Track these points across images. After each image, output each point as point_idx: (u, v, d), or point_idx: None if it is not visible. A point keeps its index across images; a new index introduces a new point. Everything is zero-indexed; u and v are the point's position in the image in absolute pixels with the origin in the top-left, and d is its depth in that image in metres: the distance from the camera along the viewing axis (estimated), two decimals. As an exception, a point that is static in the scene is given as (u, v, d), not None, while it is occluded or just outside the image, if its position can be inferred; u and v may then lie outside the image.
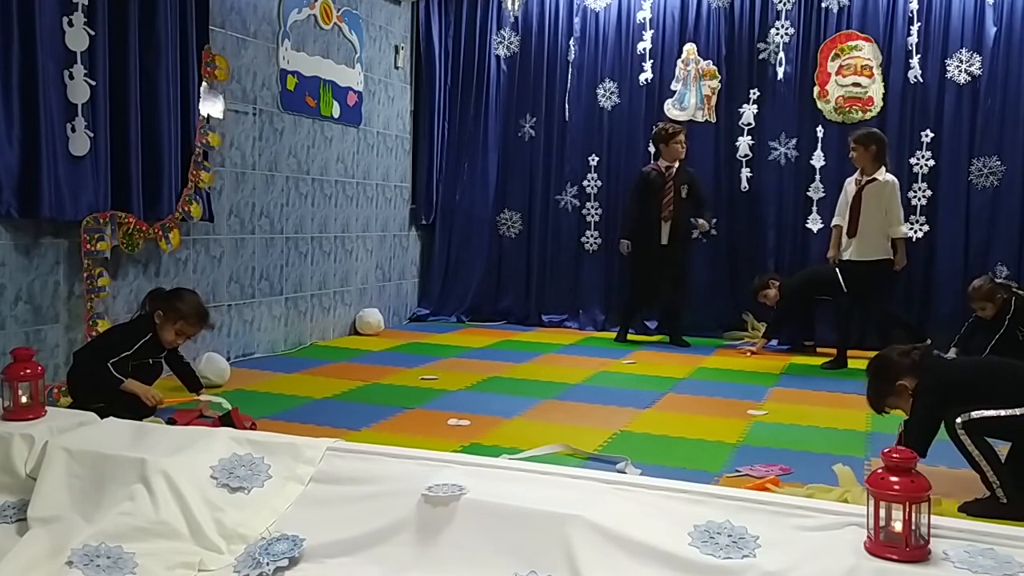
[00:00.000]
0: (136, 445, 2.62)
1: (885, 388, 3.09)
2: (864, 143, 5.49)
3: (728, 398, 4.64)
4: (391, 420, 4.01)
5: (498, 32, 7.30)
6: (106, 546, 2.25)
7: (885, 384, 3.09)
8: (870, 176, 5.49)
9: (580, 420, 4.08)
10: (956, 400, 2.93)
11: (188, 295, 3.85)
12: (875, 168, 5.48)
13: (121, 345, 3.67)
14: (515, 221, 7.31)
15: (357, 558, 2.30)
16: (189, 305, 3.77)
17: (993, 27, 6.20)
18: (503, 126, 7.31)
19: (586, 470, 2.65)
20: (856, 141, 5.54)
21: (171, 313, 3.72)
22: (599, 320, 7.04)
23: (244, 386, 4.60)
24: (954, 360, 3.86)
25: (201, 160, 4.78)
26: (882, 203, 5.46)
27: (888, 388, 3.08)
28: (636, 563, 2.10)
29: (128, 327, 3.84)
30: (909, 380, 3.03)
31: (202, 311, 3.83)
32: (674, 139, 6.18)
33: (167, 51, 4.47)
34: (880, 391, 3.12)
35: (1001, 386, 2.93)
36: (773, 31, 6.64)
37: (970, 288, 5.23)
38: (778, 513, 2.19)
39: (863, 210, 5.47)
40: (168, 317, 3.73)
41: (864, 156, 5.49)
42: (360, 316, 6.55)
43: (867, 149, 5.47)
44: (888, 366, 3.10)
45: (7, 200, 3.74)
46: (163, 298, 3.78)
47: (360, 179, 6.55)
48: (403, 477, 2.45)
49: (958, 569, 1.92)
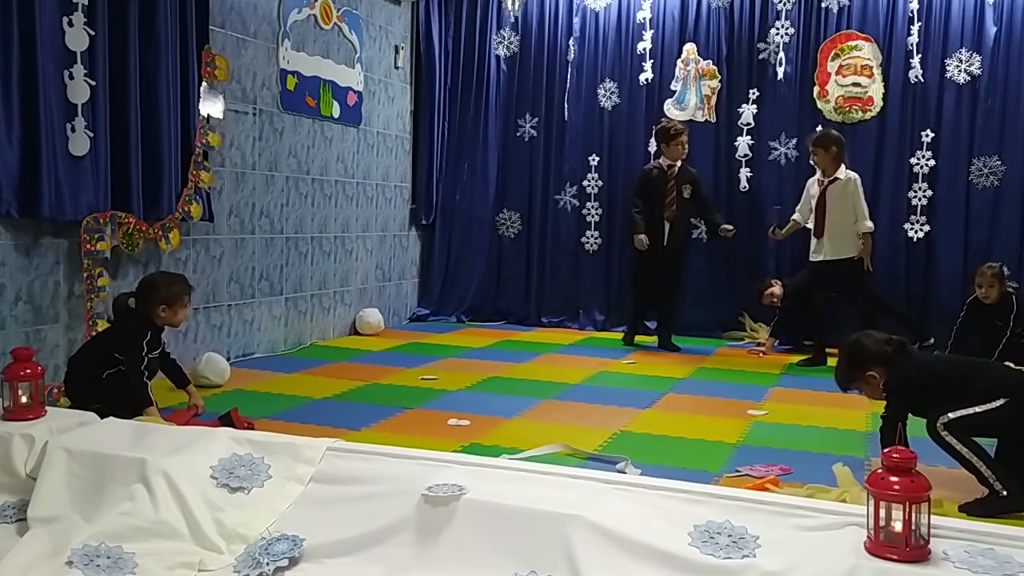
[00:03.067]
0: (136, 445, 2.62)
1: (855, 373, 3.16)
2: (824, 145, 5.63)
3: (728, 398, 4.64)
4: (391, 420, 4.01)
5: (498, 32, 7.30)
6: (106, 546, 2.25)
7: (855, 370, 3.15)
8: (831, 176, 5.63)
9: (580, 420, 4.07)
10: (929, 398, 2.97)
11: (162, 278, 3.87)
12: (836, 168, 5.63)
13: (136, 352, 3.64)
14: (515, 221, 7.31)
15: (357, 558, 2.30)
16: (175, 284, 3.80)
17: (993, 27, 6.20)
18: (503, 126, 7.31)
19: (586, 470, 2.65)
20: (815, 144, 5.71)
21: (172, 299, 3.73)
22: (599, 320, 7.04)
23: (244, 386, 4.60)
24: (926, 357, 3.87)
25: (201, 160, 4.79)
26: (847, 201, 5.60)
27: (858, 374, 3.14)
28: (636, 563, 2.10)
29: (125, 334, 3.70)
30: (879, 371, 3.08)
31: (182, 279, 3.91)
32: (676, 139, 6.08)
33: (167, 51, 4.47)
34: (849, 375, 3.19)
35: (972, 383, 2.97)
36: (773, 31, 6.64)
37: (982, 267, 5.29)
38: (778, 513, 2.19)
39: (828, 210, 5.64)
40: (174, 303, 3.73)
41: (825, 158, 5.64)
42: (360, 316, 6.55)
43: (827, 151, 5.61)
44: (861, 353, 3.14)
45: (7, 200, 3.74)
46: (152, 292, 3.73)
47: (360, 179, 6.55)
48: (403, 477, 2.45)
49: (958, 569, 1.92)
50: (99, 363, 3.66)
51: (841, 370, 3.24)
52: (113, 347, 3.69)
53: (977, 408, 2.88)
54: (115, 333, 3.76)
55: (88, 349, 3.81)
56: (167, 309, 3.73)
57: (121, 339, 3.69)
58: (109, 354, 3.67)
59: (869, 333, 3.22)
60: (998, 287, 5.15)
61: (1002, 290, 5.17)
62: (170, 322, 3.78)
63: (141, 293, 3.77)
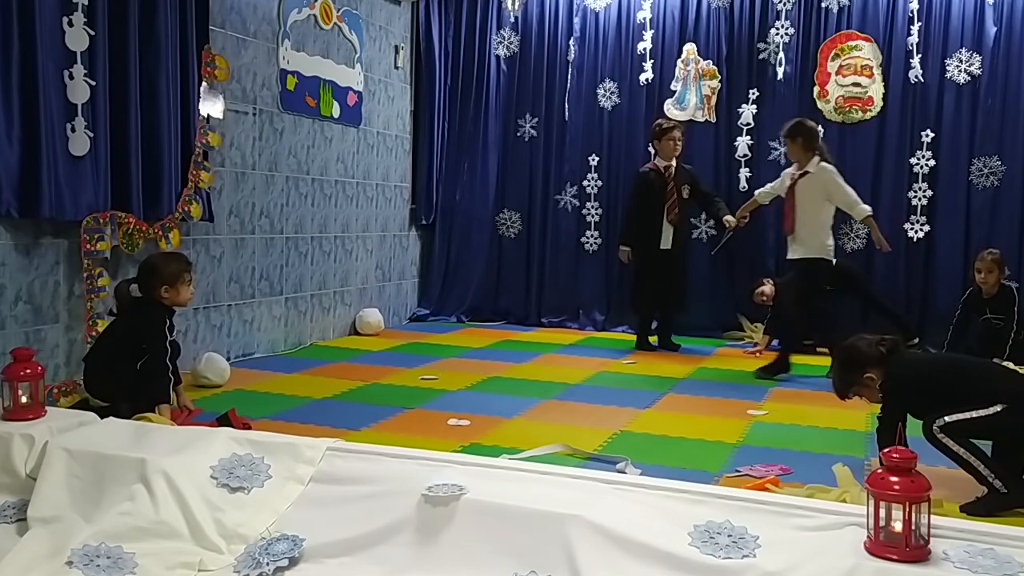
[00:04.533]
0: (136, 445, 2.63)
1: (852, 378, 3.13)
2: (791, 136, 5.24)
3: (728, 398, 4.64)
4: (391, 420, 4.01)
5: (498, 32, 7.30)
6: (106, 546, 2.25)
7: (852, 374, 3.13)
8: (802, 169, 5.20)
9: (580, 420, 4.07)
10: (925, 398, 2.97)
11: (160, 258, 3.83)
12: (807, 159, 5.17)
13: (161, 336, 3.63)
14: (515, 221, 7.31)
15: (357, 558, 2.30)
16: (172, 262, 3.76)
17: (993, 27, 6.20)
18: (503, 126, 7.31)
19: (586, 470, 2.66)
20: (784, 135, 5.38)
21: (172, 277, 3.69)
22: (599, 320, 7.04)
23: (244, 386, 4.60)
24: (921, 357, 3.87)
25: (201, 160, 4.78)
26: (817, 196, 5.14)
27: (855, 378, 3.11)
28: (636, 563, 2.10)
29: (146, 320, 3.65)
30: (876, 372, 3.06)
31: (180, 256, 3.91)
32: (667, 135, 5.96)
33: (167, 51, 4.47)
34: (846, 379, 3.16)
35: (968, 384, 2.97)
36: (773, 31, 6.64)
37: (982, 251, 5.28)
38: (778, 513, 2.19)
39: (797, 205, 5.19)
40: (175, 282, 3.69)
41: (793, 148, 5.24)
42: (360, 316, 6.55)
43: (794, 141, 5.21)
44: (856, 357, 3.12)
45: (7, 200, 3.74)
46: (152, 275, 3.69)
47: (360, 179, 6.55)
48: (403, 477, 2.45)
49: (958, 569, 1.92)
50: (127, 355, 3.62)
51: (837, 376, 3.22)
52: (137, 336, 3.65)
53: (974, 413, 2.87)
54: (133, 323, 3.69)
55: (108, 344, 3.72)
56: (169, 289, 3.68)
57: (143, 326, 3.64)
58: (137, 345, 3.64)
59: (861, 336, 3.20)
60: (996, 273, 5.16)
61: (999, 277, 5.17)
62: (175, 302, 3.73)
63: (142, 278, 3.73)
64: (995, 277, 5.16)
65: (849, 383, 3.15)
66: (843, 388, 3.19)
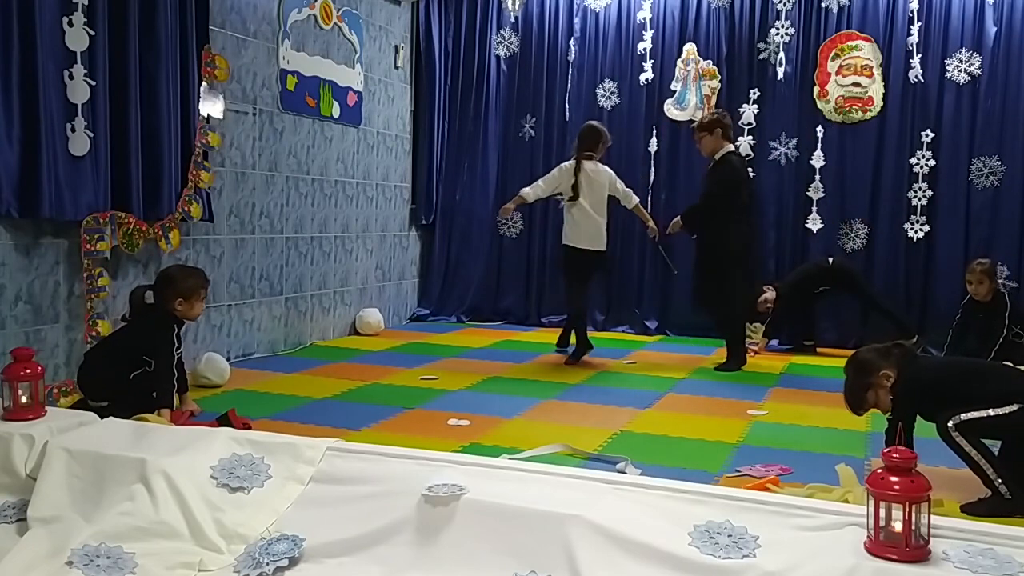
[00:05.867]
0: (136, 445, 2.62)
1: (866, 381, 3.10)
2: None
3: (728, 398, 4.64)
4: (391, 420, 4.01)
5: (498, 32, 7.30)
6: (106, 546, 2.25)
7: (866, 377, 3.10)
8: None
9: (580, 420, 4.07)
10: (938, 401, 2.96)
11: (179, 271, 3.86)
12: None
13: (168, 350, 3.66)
14: (515, 221, 7.30)
15: (357, 558, 2.30)
16: (191, 277, 3.80)
17: (993, 27, 6.20)
18: (503, 126, 7.31)
19: (586, 470, 2.65)
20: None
21: (189, 292, 3.73)
22: (599, 320, 7.03)
23: (244, 386, 4.60)
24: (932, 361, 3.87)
25: (201, 160, 4.78)
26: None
27: (869, 380, 3.08)
28: (636, 563, 2.10)
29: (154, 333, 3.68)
30: (891, 370, 3.05)
31: (199, 272, 3.92)
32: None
33: (167, 51, 4.47)
34: (861, 384, 3.12)
35: (983, 385, 2.97)
36: (773, 31, 6.64)
37: (972, 263, 5.29)
38: (778, 513, 2.19)
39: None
40: (191, 296, 3.73)
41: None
42: (360, 316, 6.55)
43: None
44: (869, 360, 3.12)
45: (7, 200, 3.74)
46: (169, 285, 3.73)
47: (360, 179, 6.55)
48: (403, 477, 2.45)
49: (958, 569, 1.91)
50: (125, 364, 3.64)
51: (850, 384, 3.18)
52: (141, 348, 3.66)
53: (990, 411, 2.88)
54: (139, 333, 3.72)
55: (111, 349, 3.75)
56: (184, 302, 3.72)
57: (149, 338, 3.67)
58: (137, 355, 3.65)
59: (871, 346, 3.21)
60: (988, 283, 5.14)
61: (992, 286, 5.16)
62: (187, 315, 3.79)
63: (158, 287, 3.77)
64: (987, 287, 5.14)
65: (863, 386, 3.11)
66: (856, 394, 3.15)
